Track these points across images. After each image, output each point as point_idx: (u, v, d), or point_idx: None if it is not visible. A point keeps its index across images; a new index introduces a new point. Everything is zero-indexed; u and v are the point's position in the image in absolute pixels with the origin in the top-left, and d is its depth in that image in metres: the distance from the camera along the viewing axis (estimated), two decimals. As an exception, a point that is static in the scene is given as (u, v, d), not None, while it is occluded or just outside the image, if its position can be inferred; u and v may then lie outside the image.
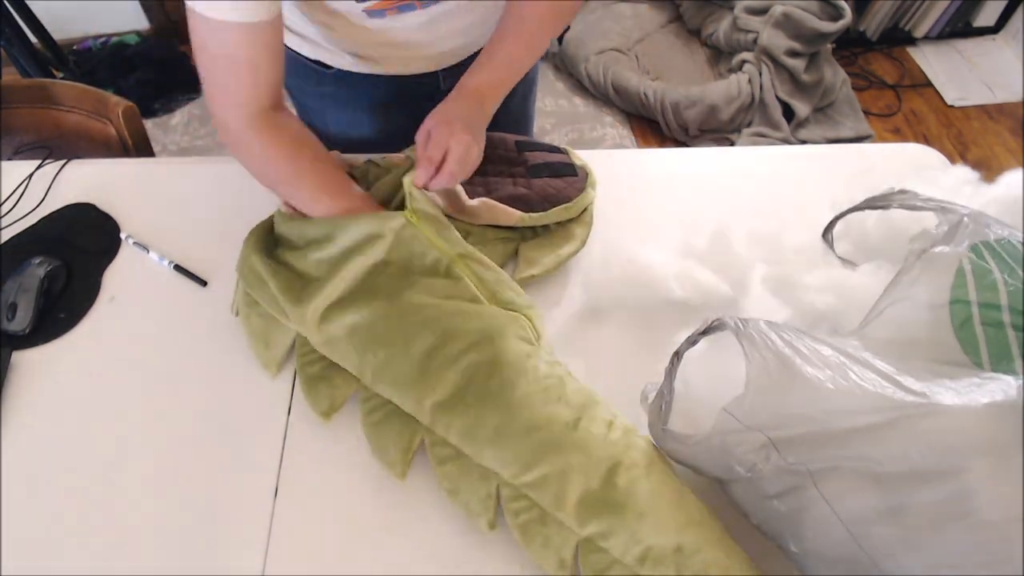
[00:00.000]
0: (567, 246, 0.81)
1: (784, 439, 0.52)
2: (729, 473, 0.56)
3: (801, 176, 0.92)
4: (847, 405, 0.49)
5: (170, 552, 0.64)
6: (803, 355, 0.51)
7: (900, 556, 0.48)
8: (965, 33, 2.38)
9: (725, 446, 0.54)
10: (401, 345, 0.66)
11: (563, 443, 0.61)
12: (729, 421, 0.53)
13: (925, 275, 0.58)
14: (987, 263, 0.56)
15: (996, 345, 0.53)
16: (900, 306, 0.59)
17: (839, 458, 0.50)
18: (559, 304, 0.79)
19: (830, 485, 0.51)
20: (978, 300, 0.55)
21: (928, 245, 0.60)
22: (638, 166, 0.95)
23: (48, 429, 0.72)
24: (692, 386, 0.62)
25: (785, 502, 0.54)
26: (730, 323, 0.54)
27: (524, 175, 0.82)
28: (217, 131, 0.73)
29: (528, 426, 0.62)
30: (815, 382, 0.50)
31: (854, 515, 0.50)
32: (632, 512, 0.57)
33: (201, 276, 0.82)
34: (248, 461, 0.69)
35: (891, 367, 0.51)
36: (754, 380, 0.52)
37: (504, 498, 0.62)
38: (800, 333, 0.54)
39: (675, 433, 0.58)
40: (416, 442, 0.66)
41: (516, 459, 0.61)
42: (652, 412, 0.60)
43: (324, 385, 0.70)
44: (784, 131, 2.04)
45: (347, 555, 0.64)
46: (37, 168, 0.93)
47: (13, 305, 0.77)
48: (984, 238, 0.58)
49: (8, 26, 1.68)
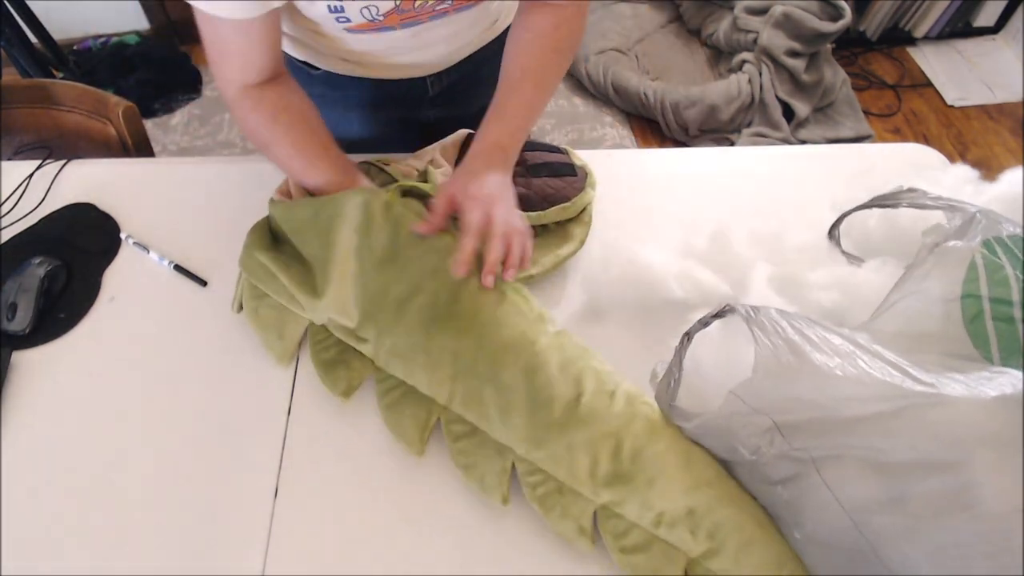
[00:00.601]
0: (566, 246, 0.81)
1: (790, 424, 0.52)
2: (733, 454, 0.57)
3: (801, 176, 0.92)
4: (855, 392, 0.50)
5: (170, 552, 0.64)
6: (812, 342, 0.52)
7: (901, 545, 0.49)
8: (965, 33, 2.38)
9: (731, 427, 0.56)
10: (411, 326, 0.67)
11: (567, 421, 0.62)
12: (736, 403, 0.54)
13: (937, 269, 0.58)
14: (999, 258, 0.56)
15: (1007, 340, 0.53)
16: (911, 300, 0.59)
17: (844, 446, 0.50)
18: (559, 304, 0.79)
19: (833, 472, 0.51)
20: (990, 295, 0.55)
21: (941, 239, 0.60)
22: (638, 166, 0.95)
23: (48, 429, 0.72)
24: (702, 366, 0.63)
25: (788, 488, 0.54)
26: (740, 309, 0.55)
27: (523, 174, 0.82)
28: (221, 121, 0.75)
29: (532, 405, 0.63)
30: (824, 368, 0.50)
31: (856, 503, 0.50)
32: (641, 480, 0.59)
33: (201, 276, 0.82)
34: (248, 461, 0.69)
35: (900, 358, 0.51)
36: (762, 364, 0.52)
37: (520, 472, 0.63)
38: (810, 322, 0.54)
39: (682, 410, 0.60)
40: (433, 420, 0.67)
41: (525, 438, 0.62)
42: (660, 387, 0.61)
43: (341, 368, 0.71)
44: (784, 131, 2.04)
45: (347, 555, 0.64)
46: (37, 168, 0.93)
47: (13, 305, 0.77)
48: (997, 233, 0.58)
49: (8, 26, 1.68)
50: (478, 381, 0.65)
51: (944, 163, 0.92)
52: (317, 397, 0.73)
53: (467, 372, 0.66)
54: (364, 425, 0.71)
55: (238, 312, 0.78)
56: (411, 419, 0.68)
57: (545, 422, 0.62)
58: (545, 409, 0.62)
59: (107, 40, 2.28)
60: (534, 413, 0.62)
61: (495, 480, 0.63)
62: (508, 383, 0.64)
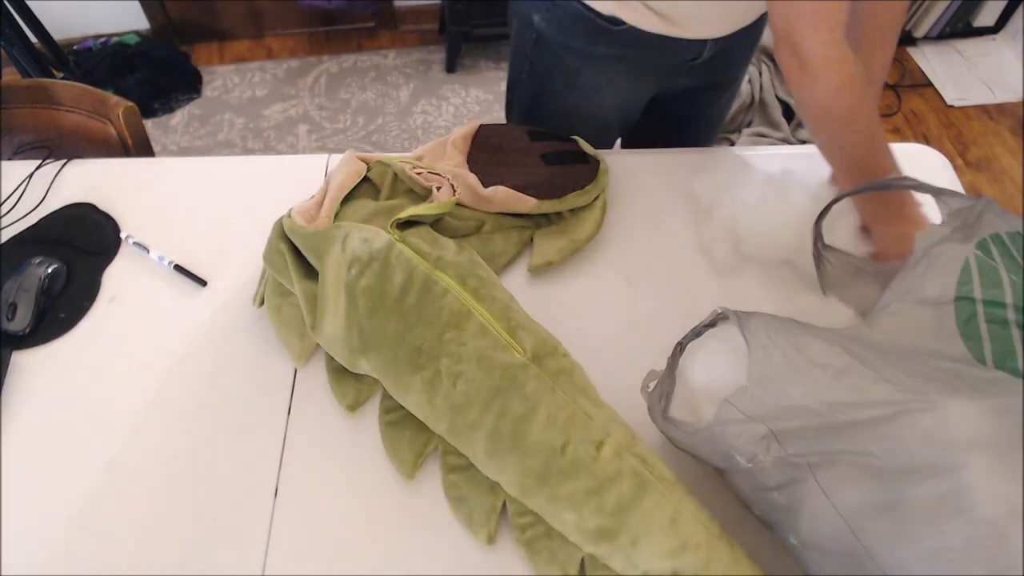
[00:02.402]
0: (582, 232, 0.81)
1: (784, 431, 0.52)
2: (729, 462, 0.56)
3: (801, 176, 0.92)
4: (848, 399, 0.49)
5: (170, 552, 0.64)
6: (805, 348, 0.52)
7: (896, 550, 0.49)
8: (965, 33, 2.38)
9: (726, 436, 0.55)
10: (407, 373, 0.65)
11: (550, 472, 0.59)
12: (730, 411, 0.54)
13: (931, 271, 0.58)
14: (994, 260, 0.56)
15: (1000, 343, 0.53)
16: (905, 302, 0.59)
17: (838, 451, 0.50)
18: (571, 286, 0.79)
19: (829, 477, 0.51)
20: (983, 297, 0.55)
21: (935, 240, 0.60)
22: (638, 166, 0.95)
23: (48, 429, 0.72)
24: (694, 375, 0.62)
25: (784, 494, 0.54)
26: (732, 316, 0.54)
27: (538, 164, 0.82)
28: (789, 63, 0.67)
29: (517, 453, 0.60)
30: (816, 375, 0.50)
31: (852, 508, 0.50)
32: (625, 539, 0.56)
33: (201, 276, 0.82)
34: (248, 461, 0.69)
35: (893, 362, 0.51)
36: (756, 372, 0.52)
37: (511, 512, 0.63)
38: (803, 326, 0.54)
39: (676, 421, 0.59)
40: (430, 448, 0.67)
41: (512, 483, 0.61)
42: (652, 399, 0.61)
43: (351, 380, 0.71)
44: (784, 131, 2.04)
45: (347, 555, 0.64)
46: (37, 168, 0.93)
47: (13, 305, 0.77)
48: (995, 230, 0.57)
49: (8, 26, 1.67)
50: (466, 422, 0.63)
51: (944, 163, 0.92)
52: (317, 397, 0.73)
53: (458, 423, 0.63)
54: (364, 425, 0.71)
55: (259, 307, 0.77)
56: (408, 442, 0.67)
57: (532, 471, 0.60)
58: (530, 458, 0.60)
59: (107, 40, 2.28)
60: (520, 460, 0.60)
61: (483, 518, 0.63)
62: (494, 427, 0.61)
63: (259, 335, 0.77)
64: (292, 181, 0.89)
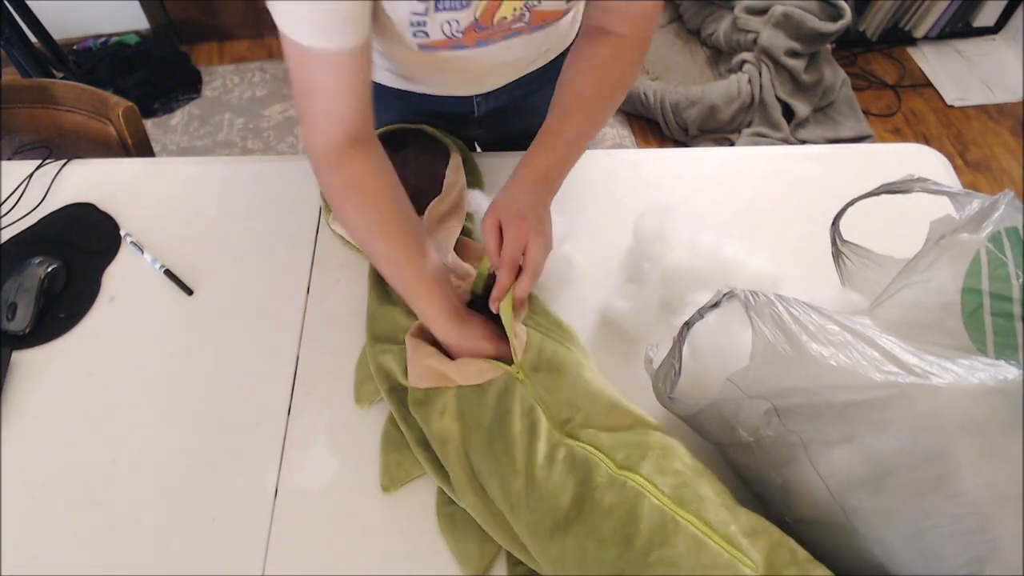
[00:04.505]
0: None
1: (785, 408, 0.53)
2: (732, 437, 0.58)
3: (801, 176, 0.92)
4: (847, 381, 0.50)
5: (170, 552, 0.64)
6: (809, 331, 0.52)
7: (882, 527, 0.51)
8: (965, 33, 2.38)
9: (729, 413, 0.56)
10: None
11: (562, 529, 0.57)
12: (733, 390, 0.55)
13: (941, 260, 0.58)
14: (1004, 254, 0.56)
15: (1003, 335, 0.53)
16: (913, 289, 0.59)
17: (833, 431, 0.52)
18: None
19: (822, 456, 0.53)
20: (990, 290, 0.55)
21: (948, 230, 0.60)
22: (638, 166, 0.95)
23: (48, 429, 0.72)
24: (699, 353, 0.63)
25: (781, 473, 0.56)
26: (740, 295, 0.55)
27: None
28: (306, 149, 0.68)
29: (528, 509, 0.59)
30: (819, 358, 0.51)
31: (842, 486, 0.52)
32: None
33: (196, 278, 0.82)
34: (248, 461, 0.69)
35: (895, 345, 0.52)
36: (759, 353, 0.52)
37: (508, 563, 0.63)
38: (809, 308, 0.54)
39: (681, 401, 0.60)
40: (498, 551, 0.64)
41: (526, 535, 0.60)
42: (657, 377, 0.61)
43: (395, 457, 0.69)
44: (784, 131, 2.04)
45: (347, 555, 0.64)
46: (37, 168, 0.93)
47: (13, 305, 0.77)
48: (1012, 223, 0.57)
49: (8, 26, 1.68)
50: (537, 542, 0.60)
51: (944, 163, 0.92)
52: (317, 397, 0.73)
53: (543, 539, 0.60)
54: (364, 425, 0.71)
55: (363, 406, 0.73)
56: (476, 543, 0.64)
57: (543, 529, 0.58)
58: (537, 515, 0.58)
59: (107, 40, 2.28)
60: (530, 512, 0.59)
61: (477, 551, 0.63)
62: (510, 487, 0.61)
63: (259, 335, 0.77)
64: (292, 182, 0.90)
